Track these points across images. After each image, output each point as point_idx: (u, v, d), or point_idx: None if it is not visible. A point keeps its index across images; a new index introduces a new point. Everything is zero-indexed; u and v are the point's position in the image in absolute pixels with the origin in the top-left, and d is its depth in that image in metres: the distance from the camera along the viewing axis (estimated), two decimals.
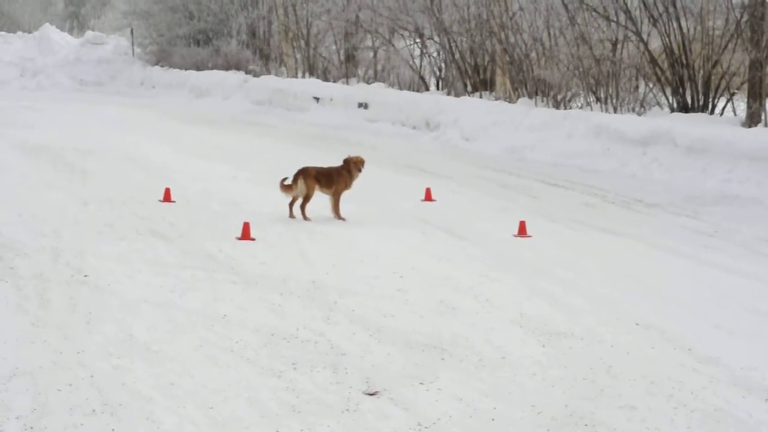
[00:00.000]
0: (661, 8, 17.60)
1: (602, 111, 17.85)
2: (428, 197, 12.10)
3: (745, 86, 16.08)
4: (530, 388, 5.65)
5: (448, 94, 22.61)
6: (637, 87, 18.57)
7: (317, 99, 24.76)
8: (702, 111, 17.00)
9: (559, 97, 19.08)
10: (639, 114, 17.27)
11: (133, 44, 39.32)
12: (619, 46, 18.44)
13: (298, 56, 30.29)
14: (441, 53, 24.53)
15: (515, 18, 20.79)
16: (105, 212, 10.80)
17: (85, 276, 7.96)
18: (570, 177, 14.36)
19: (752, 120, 15.00)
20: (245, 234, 9.52)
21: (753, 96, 15.25)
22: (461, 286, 7.84)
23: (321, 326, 6.73)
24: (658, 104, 18.06)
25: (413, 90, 24.40)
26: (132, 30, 39.44)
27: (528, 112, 17.95)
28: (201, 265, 8.42)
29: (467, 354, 6.23)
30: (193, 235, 9.67)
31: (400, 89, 24.52)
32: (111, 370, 5.79)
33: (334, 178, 10.55)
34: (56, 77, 37.61)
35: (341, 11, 27.53)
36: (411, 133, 20.18)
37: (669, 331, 6.73)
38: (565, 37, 19.46)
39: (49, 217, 10.39)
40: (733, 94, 17.21)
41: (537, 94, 19.72)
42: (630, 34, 18.18)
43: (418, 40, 24.70)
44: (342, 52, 28.58)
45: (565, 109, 18.35)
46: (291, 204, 10.62)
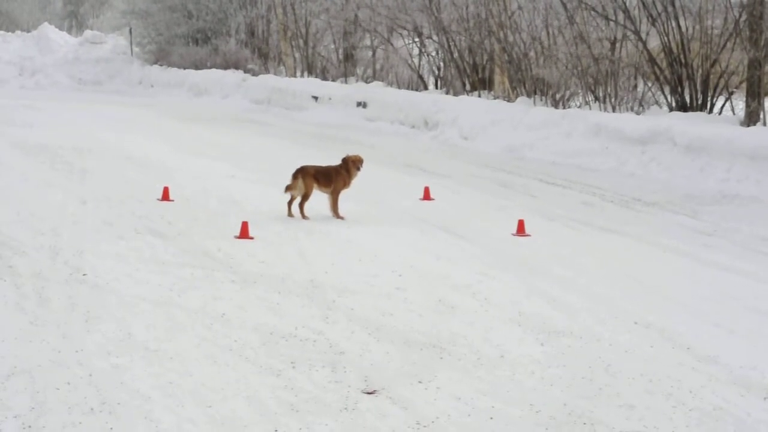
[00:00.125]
0: (660, 7, 17.59)
1: (601, 110, 17.84)
2: (427, 196, 12.09)
3: (744, 85, 16.08)
4: (529, 387, 5.65)
5: (447, 93, 22.61)
6: (636, 86, 18.57)
7: (316, 98, 24.76)
8: (701, 110, 17.00)
9: (558, 96, 19.07)
10: (638, 113, 17.27)
11: (132, 43, 39.32)
12: (618, 45, 18.44)
13: (297, 55, 30.31)
14: (440, 52, 24.53)
15: (514, 17, 20.79)
16: (104, 211, 10.80)
17: (84, 275, 7.96)
18: (569, 176, 14.36)
19: (751, 119, 15.00)
20: (244, 233, 9.52)
21: (752, 95, 15.24)
22: (460, 285, 7.84)
23: (320, 325, 6.73)
24: (657, 103, 18.06)
25: (412, 89, 24.40)
26: (131, 29, 39.45)
27: (527, 111, 17.94)
28: (200, 264, 8.41)
29: (466, 353, 6.22)
30: (192, 234, 9.67)
31: (399, 88, 24.51)
32: (110, 369, 5.79)
33: (333, 177, 10.55)
34: (55, 76, 37.62)
35: (340, 10, 27.54)
36: (410, 132, 20.17)
37: (668, 330, 6.73)
38: (564, 36, 19.45)
39: (48, 216, 10.39)
40: (732, 93, 17.21)
41: (536, 93, 19.73)
42: (629, 33, 18.18)
43: (417, 39, 24.69)
44: (341, 51, 28.59)
45: (564, 108, 18.34)
46: (290, 203, 10.61)
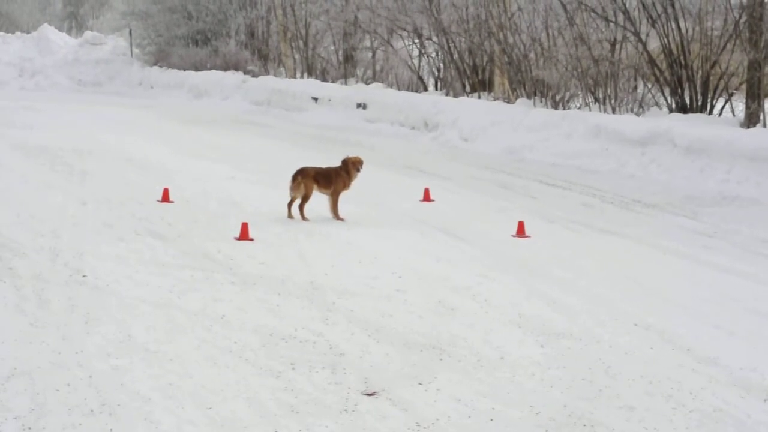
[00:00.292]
0: (660, 9, 17.60)
1: (601, 111, 17.85)
2: (427, 198, 12.09)
3: (744, 86, 16.08)
4: (529, 389, 5.65)
5: (447, 95, 22.61)
6: (636, 87, 18.58)
7: (316, 99, 24.76)
8: (700, 111, 17.00)
9: (558, 98, 19.07)
10: (637, 114, 17.27)
11: (132, 44, 39.33)
12: (618, 47, 18.45)
13: (297, 56, 30.32)
14: (439, 54, 24.54)
15: (514, 18, 20.79)
16: (104, 212, 10.80)
17: (84, 276, 7.96)
18: (569, 177, 14.36)
19: (751, 120, 15.00)
20: (244, 234, 9.52)
21: (751, 96, 15.24)
22: (460, 287, 7.84)
23: (319, 326, 6.73)
24: (657, 104, 18.07)
25: (412, 90, 24.41)
26: (130, 30, 39.46)
27: (527, 113, 17.94)
28: (200, 266, 8.41)
29: (466, 354, 6.22)
30: (192, 236, 9.67)
31: (399, 90, 24.52)
32: (109, 371, 5.78)
33: (333, 179, 10.55)
34: (55, 77, 37.64)
35: (340, 12, 27.55)
36: (409, 134, 20.17)
37: (668, 332, 6.73)
38: (564, 38, 19.46)
39: (48, 218, 10.38)
40: (732, 95, 17.21)
41: (536, 95, 19.73)
42: (628, 35, 18.19)
43: (417, 41, 24.70)
44: (340, 53, 28.60)
45: (564, 110, 18.34)
46: (290, 204, 10.61)
